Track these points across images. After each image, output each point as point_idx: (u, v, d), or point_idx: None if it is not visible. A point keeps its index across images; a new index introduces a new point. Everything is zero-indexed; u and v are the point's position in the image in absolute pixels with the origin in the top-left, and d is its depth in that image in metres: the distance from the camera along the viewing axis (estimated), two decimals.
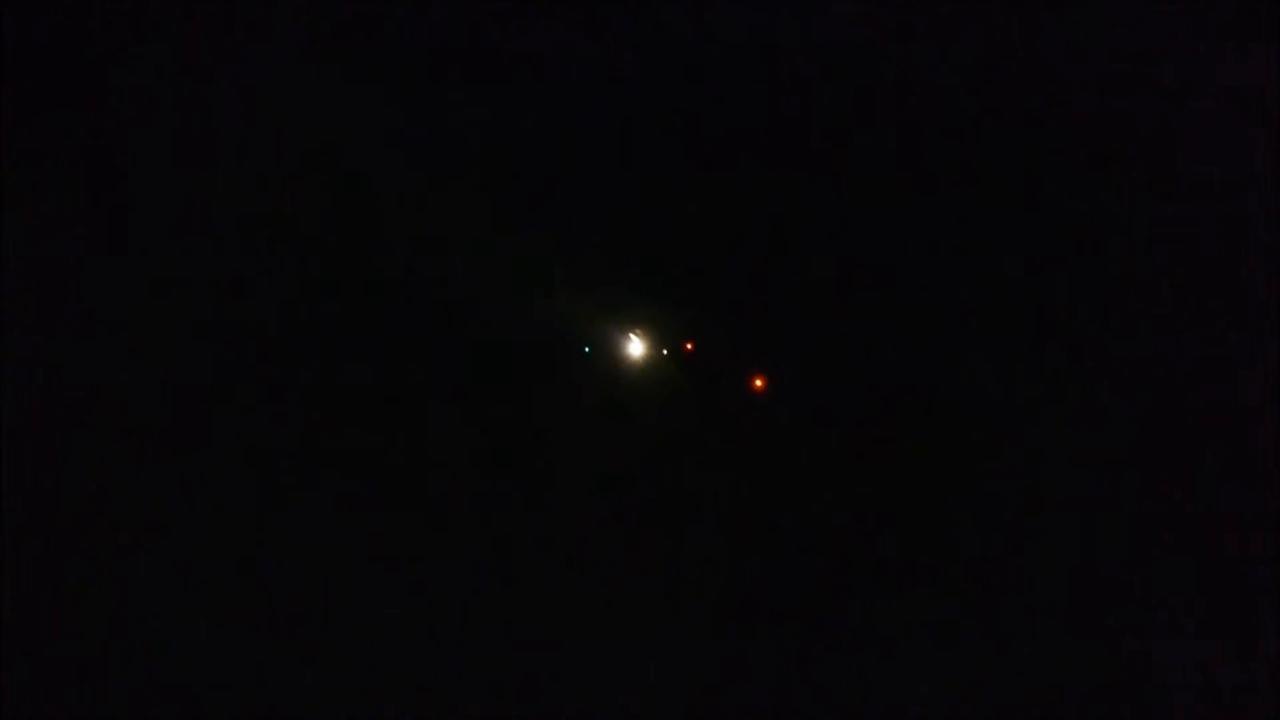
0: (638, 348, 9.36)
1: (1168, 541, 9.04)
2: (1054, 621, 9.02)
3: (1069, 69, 9.25)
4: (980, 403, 9.33)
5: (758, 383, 9.43)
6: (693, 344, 9.48)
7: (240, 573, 8.94)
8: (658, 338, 9.44)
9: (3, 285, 8.89)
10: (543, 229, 9.36)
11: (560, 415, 9.36)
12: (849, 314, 9.45)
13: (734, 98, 9.42)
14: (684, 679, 9.08)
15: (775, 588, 9.26)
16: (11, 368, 8.88)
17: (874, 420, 9.36)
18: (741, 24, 9.35)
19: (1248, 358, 9.09)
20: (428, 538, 9.14)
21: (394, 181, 9.29)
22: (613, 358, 9.39)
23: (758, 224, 9.50)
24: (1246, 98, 9.13)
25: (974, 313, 9.38)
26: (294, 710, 8.82)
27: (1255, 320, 9.10)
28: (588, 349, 9.32)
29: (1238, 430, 9.06)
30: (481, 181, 9.35)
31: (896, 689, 9.03)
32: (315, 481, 9.14)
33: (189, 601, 8.88)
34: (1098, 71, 9.24)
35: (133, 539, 8.89)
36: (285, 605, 8.92)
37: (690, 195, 9.47)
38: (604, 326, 9.36)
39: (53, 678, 8.71)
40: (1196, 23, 9.14)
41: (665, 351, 9.39)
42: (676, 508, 9.37)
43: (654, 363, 9.39)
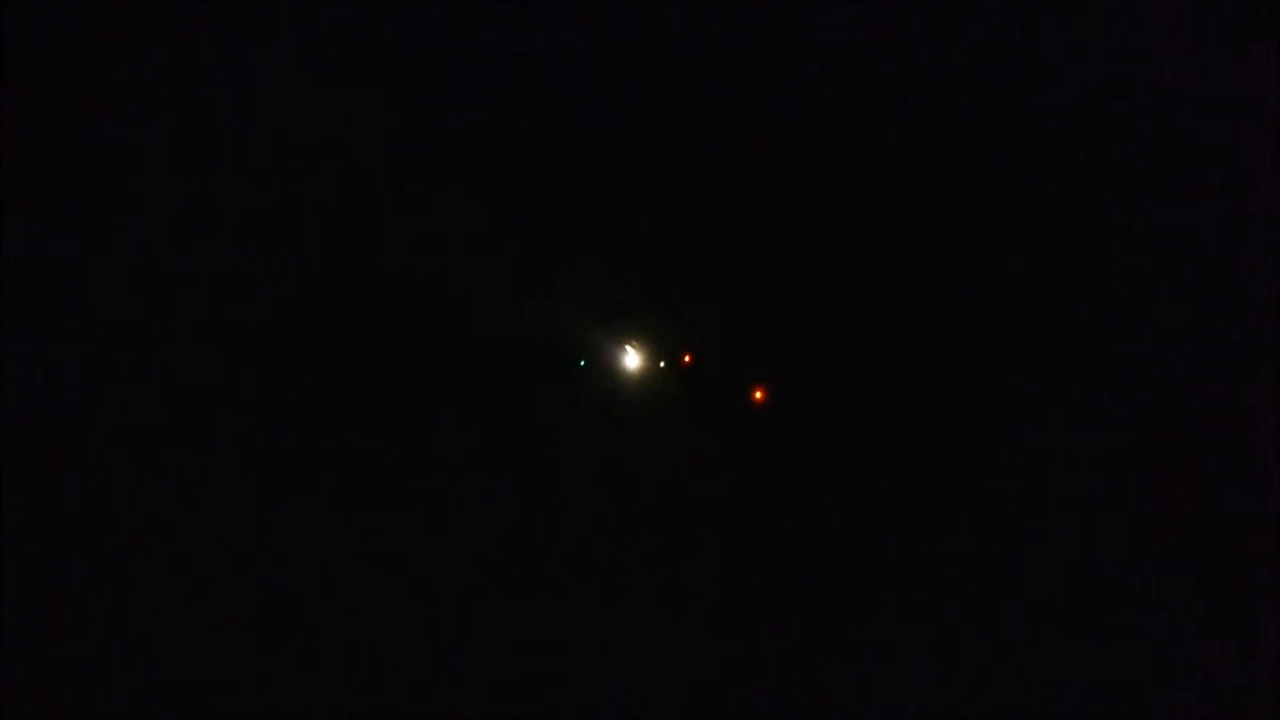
0: (634, 360, 9.29)
1: (1168, 541, 9.04)
2: (1054, 621, 9.03)
3: (1069, 69, 9.26)
4: (980, 403, 9.33)
5: (758, 394, 9.38)
6: (691, 355, 9.42)
7: (240, 572, 8.94)
8: (655, 349, 9.38)
9: (3, 285, 8.89)
10: (542, 229, 9.36)
11: (560, 416, 9.35)
12: (849, 316, 9.45)
13: (734, 97, 9.42)
14: (684, 679, 9.08)
15: (775, 589, 9.26)
16: (11, 368, 8.88)
17: (874, 420, 9.36)
18: (741, 24, 9.36)
19: (1248, 358, 9.09)
20: (426, 538, 9.14)
21: (394, 182, 9.29)
22: (608, 369, 9.34)
23: (758, 230, 9.50)
24: (1246, 98, 9.14)
25: (974, 314, 9.38)
26: (294, 710, 8.82)
27: (1255, 320, 9.10)
28: (582, 362, 9.28)
29: (1238, 430, 9.07)
30: (481, 182, 9.36)
31: (896, 689, 9.03)
32: (314, 481, 9.14)
33: (189, 601, 8.88)
34: (1098, 71, 9.25)
35: (133, 539, 8.90)
36: (284, 605, 8.92)
37: (690, 198, 9.47)
38: (600, 335, 9.33)
39: (53, 678, 8.71)
40: (1196, 23, 9.15)
41: (663, 364, 9.33)
42: (676, 508, 9.37)
43: (650, 376, 9.33)
